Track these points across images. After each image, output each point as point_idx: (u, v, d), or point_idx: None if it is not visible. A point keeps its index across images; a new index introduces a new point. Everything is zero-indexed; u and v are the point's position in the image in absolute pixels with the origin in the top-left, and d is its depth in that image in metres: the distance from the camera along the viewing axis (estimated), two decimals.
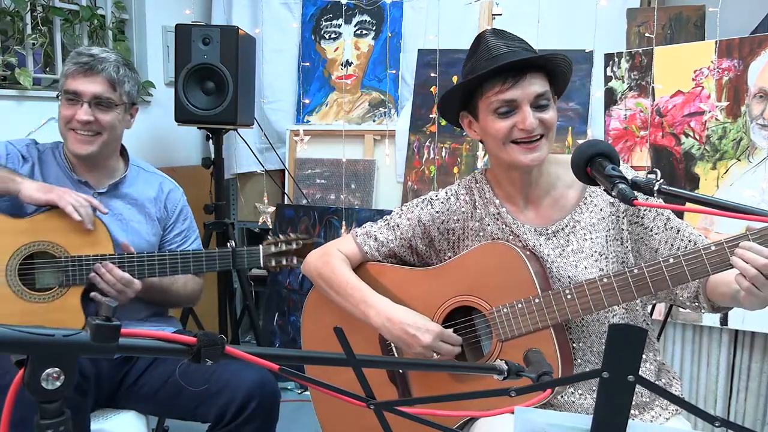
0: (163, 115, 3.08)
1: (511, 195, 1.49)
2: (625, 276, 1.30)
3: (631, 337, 0.67)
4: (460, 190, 1.55)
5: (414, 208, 1.57)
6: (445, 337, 1.43)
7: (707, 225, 2.33)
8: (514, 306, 1.39)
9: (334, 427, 1.66)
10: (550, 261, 1.43)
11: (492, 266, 1.43)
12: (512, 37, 1.41)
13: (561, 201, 1.47)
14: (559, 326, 1.39)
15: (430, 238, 1.55)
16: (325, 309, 1.61)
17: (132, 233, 1.86)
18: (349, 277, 1.54)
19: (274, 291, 3.37)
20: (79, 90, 1.77)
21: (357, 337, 1.55)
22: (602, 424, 0.69)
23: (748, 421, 2.39)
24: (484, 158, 2.96)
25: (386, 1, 3.35)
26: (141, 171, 1.97)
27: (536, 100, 1.36)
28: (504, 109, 1.36)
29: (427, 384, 1.52)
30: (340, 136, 3.25)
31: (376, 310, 1.47)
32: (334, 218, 3.24)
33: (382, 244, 1.58)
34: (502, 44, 1.38)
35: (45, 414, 0.64)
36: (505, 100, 1.35)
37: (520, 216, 1.48)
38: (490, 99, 1.37)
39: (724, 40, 2.36)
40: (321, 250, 1.62)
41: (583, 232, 1.43)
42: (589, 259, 1.41)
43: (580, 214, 1.44)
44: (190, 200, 2.09)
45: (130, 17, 3.23)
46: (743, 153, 2.32)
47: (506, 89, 1.35)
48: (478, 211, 1.51)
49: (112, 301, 0.66)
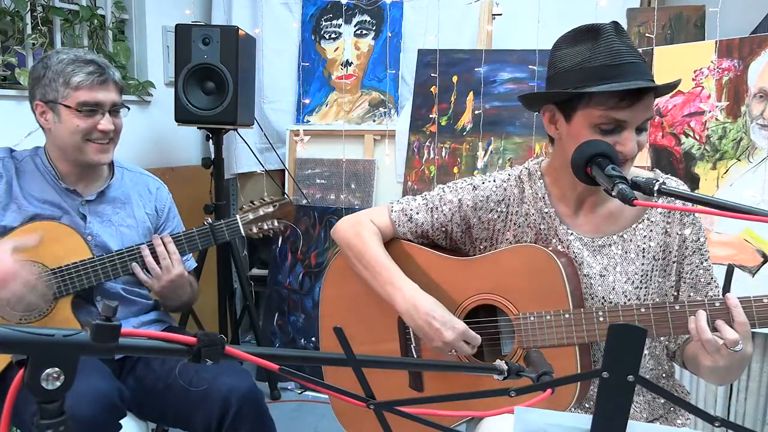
0: (163, 115, 3.08)
1: (566, 196, 1.40)
2: (664, 310, 1.23)
3: (631, 337, 0.67)
4: (510, 180, 1.46)
5: (457, 191, 1.48)
6: (468, 337, 1.38)
7: (707, 225, 2.33)
8: (542, 316, 1.34)
9: (352, 417, 1.64)
10: (588, 277, 1.36)
11: (526, 270, 1.37)
12: (627, 35, 1.29)
13: (616, 214, 1.38)
14: (585, 347, 1.33)
15: (468, 225, 1.48)
16: (349, 278, 1.56)
17: (122, 238, 1.83)
18: (379, 254, 1.47)
19: (274, 291, 3.37)
20: (99, 100, 1.73)
21: (375, 311, 1.51)
22: (602, 424, 0.69)
23: (748, 421, 2.39)
24: (484, 158, 2.96)
25: (386, 1, 3.35)
26: (125, 172, 1.93)
27: (642, 124, 1.26)
28: (609, 128, 1.24)
29: (438, 374, 1.49)
30: (340, 136, 3.25)
31: (403, 294, 1.41)
32: (334, 218, 3.24)
33: (418, 225, 1.50)
34: (625, 47, 1.24)
35: (45, 414, 0.64)
36: (617, 120, 1.23)
37: (569, 220, 1.40)
38: (599, 113, 1.23)
39: (724, 40, 2.36)
40: (353, 219, 1.57)
41: (631, 255, 1.35)
42: (629, 284, 1.34)
43: (633, 234, 1.36)
44: (190, 200, 2.09)
45: (130, 17, 3.23)
46: (743, 153, 2.32)
47: (621, 108, 1.21)
48: (525, 205, 1.43)
49: (113, 301, 0.65)
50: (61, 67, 1.72)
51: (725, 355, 1.16)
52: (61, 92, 1.72)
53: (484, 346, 1.47)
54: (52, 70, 1.72)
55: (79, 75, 1.72)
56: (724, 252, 2.30)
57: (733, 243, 2.30)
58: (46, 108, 1.74)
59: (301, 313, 3.30)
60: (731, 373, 1.25)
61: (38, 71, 1.75)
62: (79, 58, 1.74)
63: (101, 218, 1.82)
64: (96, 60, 1.75)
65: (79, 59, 1.74)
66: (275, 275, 3.37)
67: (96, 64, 1.74)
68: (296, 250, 3.33)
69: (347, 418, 1.64)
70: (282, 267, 3.35)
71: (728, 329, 1.16)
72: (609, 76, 1.21)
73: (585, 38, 1.28)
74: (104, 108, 1.74)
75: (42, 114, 1.75)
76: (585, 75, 1.24)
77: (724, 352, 1.16)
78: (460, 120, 3.03)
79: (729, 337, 1.15)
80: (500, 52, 3.00)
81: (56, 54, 1.75)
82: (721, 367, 1.19)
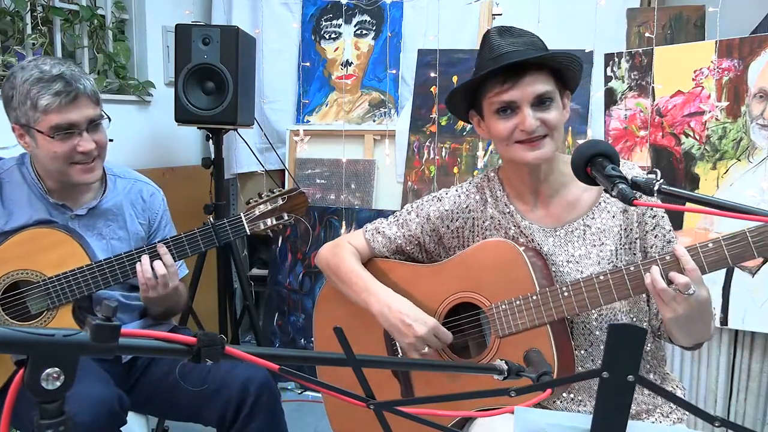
0: (163, 115, 3.08)
1: (521, 193, 1.48)
2: (621, 273, 1.30)
3: (631, 337, 0.67)
4: (470, 188, 1.54)
5: (423, 205, 1.57)
6: (439, 333, 1.44)
7: (707, 225, 2.34)
8: (512, 303, 1.40)
9: (341, 420, 1.67)
10: (556, 265, 1.42)
11: (492, 263, 1.44)
12: (520, 33, 1.39)
13: (574, 202, 1.45)
14: (557, 324, 1.38)
15: (439, 236, 1.56)
16: (337, 302, 1.63)
17: (113, 251, 1.77)
18: (354, 266, 1.56)
19: (274, 291, 3.37)
20: (73, 120, 1.60)
21: (363, 327, 1.57)
22: (602, 424, 0.69)
23: (748, 421, 2.39)
24: (484, 158, 2.96)
25: (386, 1, 3.35)
26: (118, 180, 1.84)
27: (538, 100, 1.35)
28: (505, 109, 1.36)
29: (427, 379, 1.53)
30: (340, 136, 3.25)
31: (377, 297, 1.49)
32: (334, 218, 3.24)
33: (390, 240, 1.59)
34: (506, 42, 1.36)
35: (45, 414, 0.64)
36: (505, 101, 1.35)
37: (530, 215, 1.47)
38: (492, 100, 1.37)
39: (724, 40, 2.36)
40: (333, 243, 1.65)
41: (593, 238, 1.41)
42: (596, 266, 1.40)
43: (592, 219, 1.42)
44: (190, 200, 2.07)
45: (130, 17, 3.23)
46: (743, 153, 2.32)
47: (505, 90, 1.34)
48: (489, 210, 1.51)
49: (113, 302, 0.65)
50: (26, 88, 1.58)
51: (681, 301, 1.22)
52: (31, 117, 1.59)
53: (470, 342, 1.52)
54: (18, 91, 1.59)
55: (45, 97, 1.56)
56: None
57: None
58: (23, 131, 1.64)
59: (301, 313, 3.30)
60: (695, 323, 1.28)
61: (6, 92, 1.62)
62: (45, 75, 1.58)
63: (91, 231, 1.77)
64: (63, 74, 1.59)
65: (44, 77, 1.57)
66: (275, 275, 3.37)
67: (63, 80, 1.58)
68: (296, 250, 3.33)
69: (337, 421, 1.68)
70: (282, 267, 3.35)
71: (679, 276, 1.22)
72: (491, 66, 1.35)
73: (481, 46, 1.43)
74: (80, 127, 1.62)
75: (20, 137, 1.66)
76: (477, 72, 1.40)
77: (679, 298, 1.22)
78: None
79: (680, 281, 1.21)
80: None
81: (21, 71, 1.60)
82: (681, 316, 1.24)
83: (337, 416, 1.69)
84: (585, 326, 1.41)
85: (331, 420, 1.70)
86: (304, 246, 3.31)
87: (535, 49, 1.37)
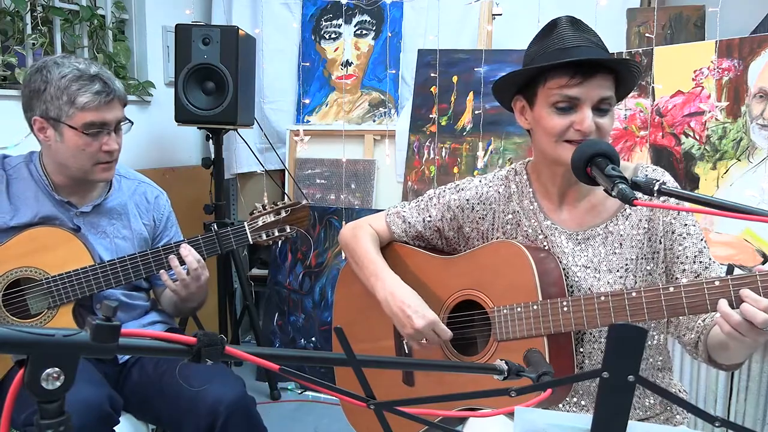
0: (163, 115, 3.08)
1: (549, 192, 1.45)
2: (622, 298, 1.25)
3: (631, 337, 0.67)
4: (495, 180, 1.52)
5: (445, 192, 1.55)
6: (438, 329, 1.43)
7: (707, 225, 2.34)
8: (514, 309, 1.38)
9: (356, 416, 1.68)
10: (574, 269, 1.39)
11: (500, 265, 1.42)
12: (588, 30, 1.34)
13: (599, 207, 1.41)
14: (556, 337, 1.35)
15: (459, 225, 1.54)
16: (356, 280, 1.64)
17: (117, 249, 1.79)
18: (369, 250, 1.56)
19: (274, 291, 3.37)
20: (107, 120, 1.65)
21: (376, 310, 1.54)
22: (602, 424, 0.69)
23: (748, 421, 2.39)
24: (484, 158, 2.96)
25: (386, 1, 3.35)
26: (123, 180, 1.86)
27: (599, 104, 1.29)
28: (564, 105, 1.30)
29: (428, 372, 1.54)
30: (340, 136, 3.25)
31: (383, 284, 1.49)
32: (334, 218, 3.24)
33: (410, 225, 1.59)
34: (578, 36, 1.30)
35: (45, 414, 0.64)
36: (569, 96, 1.29)
37: (553, 215, 1.44)
38: (553, 91, 1.30)
39: (724, 40, 2.36)
40: (354, 223, 1.66)
41: (614, 245, 1.38)
42: (614, 273, 1.37)
43: (615, 225, 1.38)
44: (190, 200, 2.08)
45: (130, 17, 3.23)
46: (743, 153, 2.32)
47: (573, 85, 1.28)
48: (512, 204, 1.48)
49: (113, 301, 0.65)
50: (64, 83, 1.61)
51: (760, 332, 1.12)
52: (65, 111, 1.62)
53: (478, 337, 1.52)
54: (53, 85, 1.61)
55: (85, 95, 1.61)
56: (724, 252, 2.30)
57: (733, 243, 2.30)
58: (47, 125, 1.65)
59: (301, 313, 3.30)
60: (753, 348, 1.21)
61: (37, 84, 1.63)
62: (84, 74, 1.62)
63: (96, 229, 1.77)
64: (101, 75, 1.65)
65: (83, 75, 1.62)
66: (275, 275, 3.37)
67: (101, 81, 1.63)
68: (296, 250, 3.33)
69: (354, 415, 1.68)
70: (282, 267, 3.35)
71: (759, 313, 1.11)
72: (560, 57, 1.28)
73: (545, 32, 1.37)
74: (110, 127, 1.67)
75: (41, 130, 1.67)
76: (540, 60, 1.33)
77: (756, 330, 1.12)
78: (460, 120, 3.03)
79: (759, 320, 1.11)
80: (500, 52, 3.00)
81: (56, 67, 1.63)
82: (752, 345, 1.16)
83: (353, 412, 1.68)
84: (591, 333, 1.39)
85: (348, 415, 1.69)
86: (304, 246, 3.31)
87: (603, 49, 1.32)
